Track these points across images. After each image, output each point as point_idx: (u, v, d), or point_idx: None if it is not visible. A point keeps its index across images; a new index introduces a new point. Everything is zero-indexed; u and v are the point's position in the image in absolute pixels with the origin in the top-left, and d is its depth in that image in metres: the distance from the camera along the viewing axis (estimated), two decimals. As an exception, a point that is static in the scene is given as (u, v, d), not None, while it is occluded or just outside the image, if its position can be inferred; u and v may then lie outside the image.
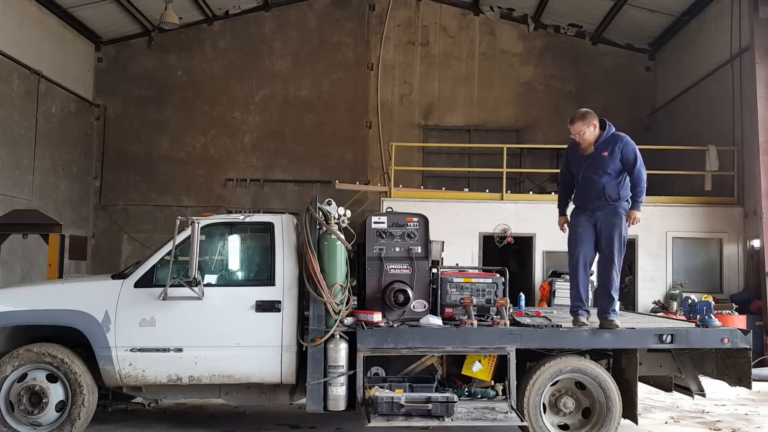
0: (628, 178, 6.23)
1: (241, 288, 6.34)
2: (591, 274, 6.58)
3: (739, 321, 10.55)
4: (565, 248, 13.30)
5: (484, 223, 12.54)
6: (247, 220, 6.52)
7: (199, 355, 6.06)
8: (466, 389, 6.19)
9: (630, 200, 6.20)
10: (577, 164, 6.45)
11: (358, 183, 14.82)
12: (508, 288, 6.70)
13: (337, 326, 6.05)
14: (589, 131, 6.24)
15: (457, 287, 6.58)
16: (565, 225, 6.72)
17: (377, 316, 6.20)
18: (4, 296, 6.46)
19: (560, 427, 6.19)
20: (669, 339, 6.15)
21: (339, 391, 5.99)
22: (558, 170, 15.84)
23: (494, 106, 17.49)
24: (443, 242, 7.09)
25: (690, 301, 7.25)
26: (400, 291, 6.29)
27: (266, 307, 6.12)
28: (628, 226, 6.15)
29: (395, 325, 6.22)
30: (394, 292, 6.29)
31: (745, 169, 12.55)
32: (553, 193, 13.59)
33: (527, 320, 6.50)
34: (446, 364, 6.37)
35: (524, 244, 12.87)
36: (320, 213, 6.32)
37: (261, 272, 6.38)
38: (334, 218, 6.36)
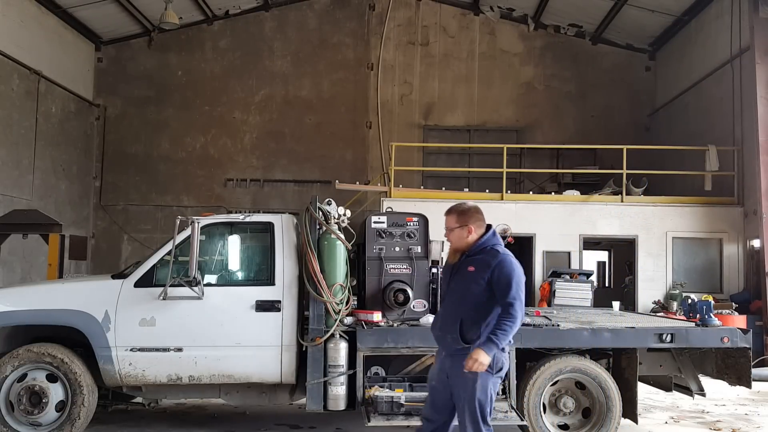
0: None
1: (241, 288, 6.34)
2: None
3: (739, 321, 10.55)
4: (565, 248, 13.34)
5: (484, 223, 12.52)
6: (247, 220, 6.53)
7: (199, 355, 6.06)
8: (466, 389, 6.18)
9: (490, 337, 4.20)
10: (444, 279, 4.70)
11: (358, 183, 14.82)
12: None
13: (337, 326, 6.06)
14: (460, 233, 4.42)
15: (457, 287, 6.58)
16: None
17: (377, 316, 6.21)
18: (4, 296, 6.46)
19: (560, 426, 6.20)
20: (669, 338, 6.15)
21: (339, 390, 5.99)
22: (558, 170, 16.03)
23: (494, 106, 17.50)
24: (443, 242, 7.07)
25: (690, 300, 7.26)
26: (400, 291, 6.30)
27: (266, 306, 6.12)
28: (466, 369, 4.14)
29: (395, 324, 6.22)
30: (394, 291, 6.30)
31: (745, 169, 12.54)
32: (553, 193, 13.64)
33: (527, 320, 6.49)
34: (446, 364, 6.36)
35: (524, 244, 12.86)
36: (320, 213, 6.32)
37: (261, 272, 6.38)
38: (334, 218, 6.36)
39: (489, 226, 4.48)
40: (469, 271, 4.35)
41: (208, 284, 6.19)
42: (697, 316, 6.68)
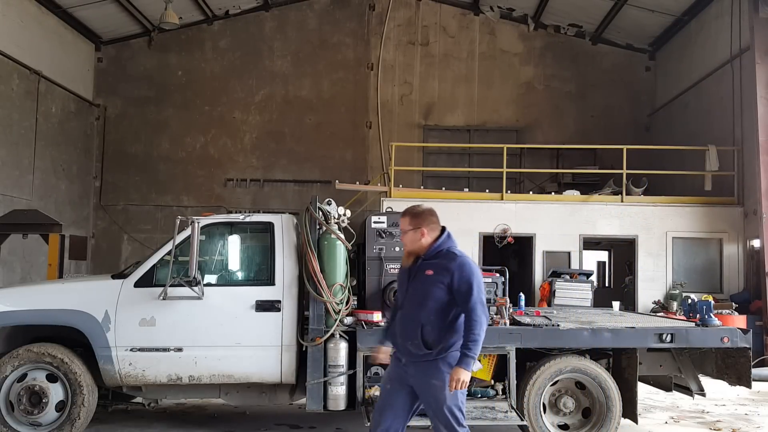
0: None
1: (241, 288, 6.34)
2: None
3: (739, 321, 10.54)
4: (565, 248, 13.31)
5: (484, 223, 12.53)
6: (247, 220, 6.53)
7: (199, 355, 6.07)
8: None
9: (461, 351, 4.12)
10: (400, 284, 4.56)
11: (358, 183, 14.82)
12: (508, 288, 6.72)
13: (337, 326, 6.07)
14: (413, 236, 4.33)
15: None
16: (383, 358, 4.55)
17: (377, 316, 6.21)
18: (4, 296, 6.46)
19: (560, 426, 6.20)
20: (669, 338, 6.15)
21: (339, 390, 6.00)
22: (558, 170, 16.04)
23: (494, 106, 17.50)
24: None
25: (690, 300, 7.26)
26: (400, 291, 6.29)
27: (266, 306, 6.12)
28: (450, 390, 4.06)
29: (395, 324, 6.21)
30: (394, 291, 6.30)
31: (745, 169, 12.54)
32: (553, 193, 13.64)
33: (527, 320, 6.50)
34: (446, 364, 6.35)
35: (524, 244, 12.87)
36: (320, 213, 6.33)
37: (261, 272, 6.39)
38: (334, 218, 6.37)
39: (444, 229, 4.38)
40: (428, 275, 4.24)
41: (208, 284, 6.20)
42: (697, 316, 6.68)
